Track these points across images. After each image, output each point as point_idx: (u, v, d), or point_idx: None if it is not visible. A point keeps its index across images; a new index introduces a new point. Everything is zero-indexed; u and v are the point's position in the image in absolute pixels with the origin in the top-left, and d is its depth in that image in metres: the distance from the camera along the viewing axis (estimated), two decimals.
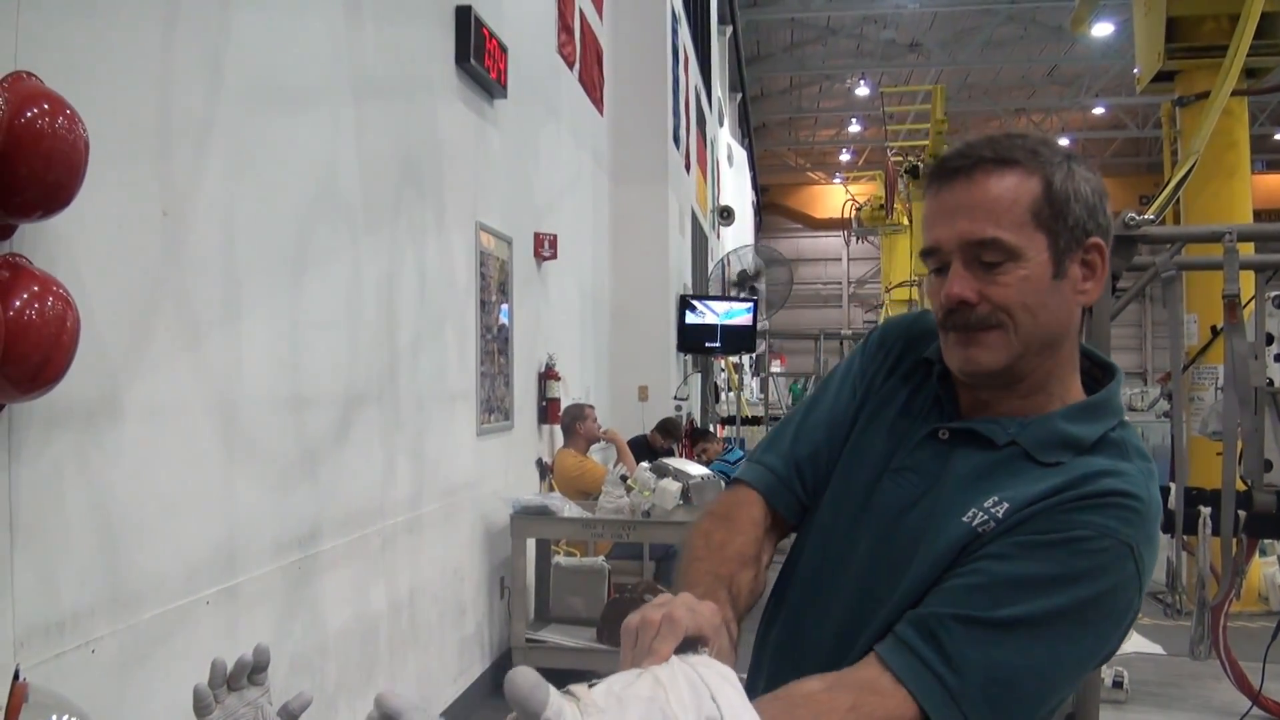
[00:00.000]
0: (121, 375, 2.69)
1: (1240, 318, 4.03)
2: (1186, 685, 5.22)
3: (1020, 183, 1.39)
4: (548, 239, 7.18)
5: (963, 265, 1.41)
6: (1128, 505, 1.34)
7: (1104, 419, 1.45)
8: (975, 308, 1.40)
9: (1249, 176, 8.93)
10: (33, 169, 2.02)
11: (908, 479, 1.47)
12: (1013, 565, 1.32)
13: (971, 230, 1.39)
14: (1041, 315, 1.40)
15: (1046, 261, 1.39)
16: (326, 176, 3.95)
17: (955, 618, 1.30)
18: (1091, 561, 1.31)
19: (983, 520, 1.37)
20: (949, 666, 1.28)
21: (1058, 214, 1.39)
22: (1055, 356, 1.45)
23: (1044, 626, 1.29)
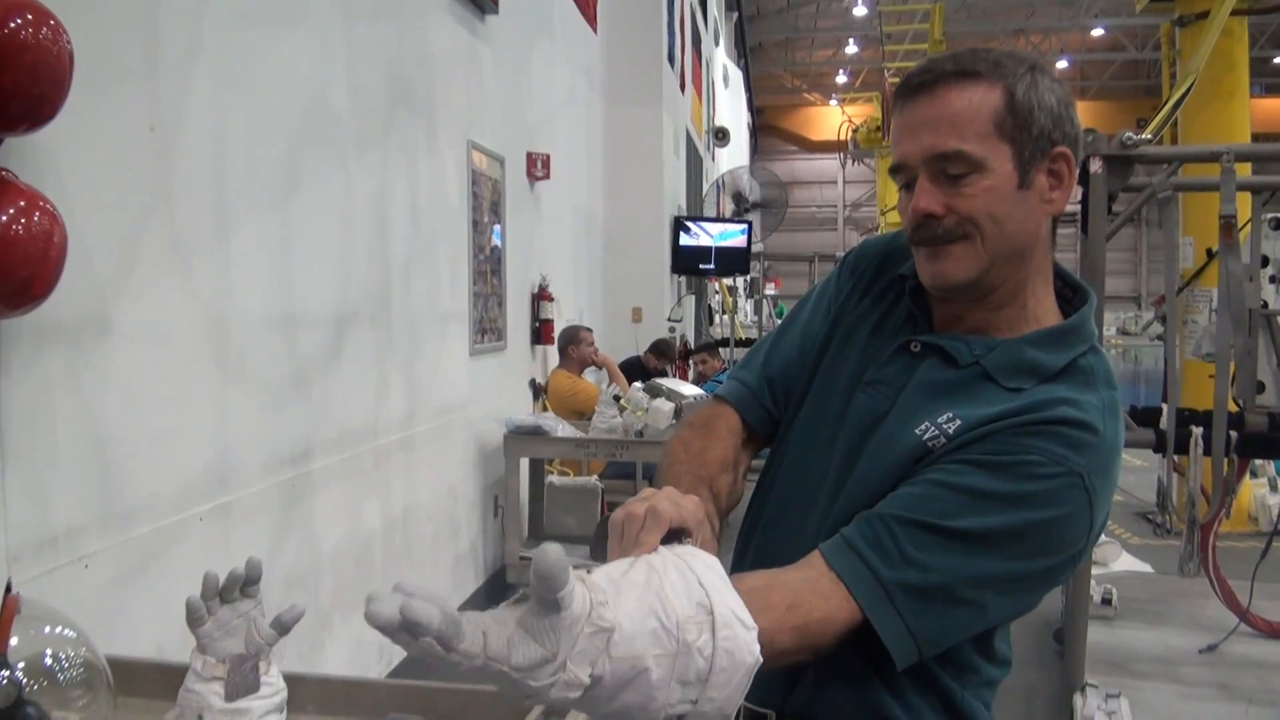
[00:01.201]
0: (110, 293, 2.67)
1: (1236, 239, 4.02)
2: (1175, 603, 5.29)
3: (983, 94, 1.39)
4: (541, 159, 7.12)
5: (929, 179, 1.41)
6: (1081, 435, 1.34)
7: (1073, 345, 1.45)
8: (942, 220, 1.41)
9: (1248, 99, 8.86)
10: (16, 81, 1.99)
11: (880, 391, 1.49)
12: (963, 479, 1.32)
13: (935, 144, 1.40)
14: (1008, 225, 1.41)
15: (1011, 172, 1.40)
16: (316, 94, 3.90)
17: (900, 520, 1.31)
18: (1041, 486, 1.31)
19: (933, 435, 1.39)
20: (888, 565, 1.29)
21: (1021, 124, 1.39)
22: (1025, 267, 1.45)
23: (989, 542, 1.30)
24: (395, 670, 4.57)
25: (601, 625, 1.00)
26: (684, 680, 1.04)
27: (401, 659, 4.72)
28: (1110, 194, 3.96)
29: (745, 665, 1.07)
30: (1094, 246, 4.00)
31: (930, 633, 1.31)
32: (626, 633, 1.01)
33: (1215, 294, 4.74)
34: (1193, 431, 4.05)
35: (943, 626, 1.33)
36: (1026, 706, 4.60)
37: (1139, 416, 4.33)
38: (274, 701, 1.74)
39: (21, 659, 1.58)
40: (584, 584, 1.02)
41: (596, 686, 1.01)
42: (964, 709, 1.46)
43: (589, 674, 1.00)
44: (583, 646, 0.99)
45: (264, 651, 1.71)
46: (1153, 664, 4.51)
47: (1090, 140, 3.89)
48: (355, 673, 4.08)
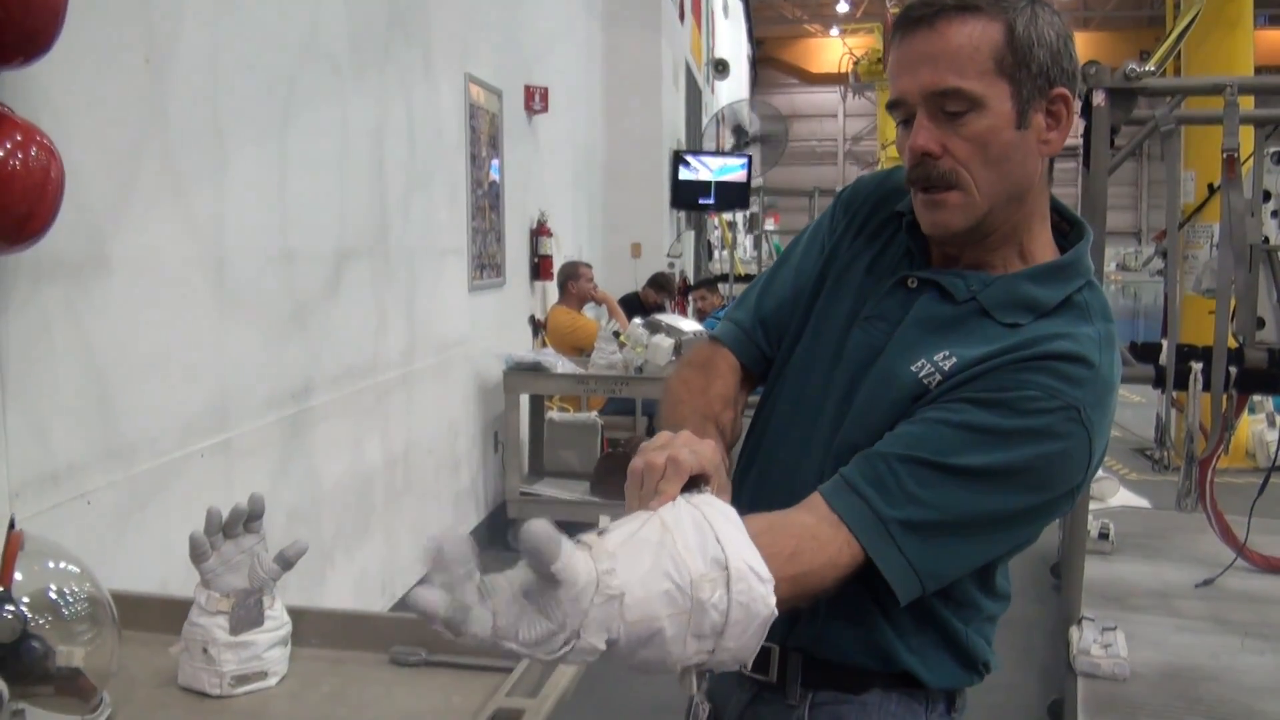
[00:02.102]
0: (108, 227, 2.66)
1: (1239, 174, 3.99)
2: (1172, 537, 5.32)
3: (982, 29, 1.37)
4: (538, 92, 7.06)
5: (927, 116, 1.39)
6: (1076, 369, 1.34)
7: (1070, 280, 1.44)
8: (939, 161, 1.39)
9: (1251, 29, 8.78)
10: (10, 13, 1.96)
11: (877, 327, 1.48)
12: (962, 416, 1.32)
13: (934, 80, 1.37)
14: (1005, 166, 1.39)
15: (1010, 111, 1.38)
16: (312, 24, 3.86)
17: (901, 458, 1.31)
18: (1039, 421, 1.31)
19: (929, 372, 1.38)
20: (889, 503, 1.29)
21: (1020, 61, 1.37)
22: (1021, 209, 1.44)
23: (990, 477, 1.31)
24: (397, 605, 4.60)
25: (610, 593, 1.00)
26: (699, 634, 1.05)
27: (403, 594, 4.75)
28: (1113, 127, 3.94)
29: (760, 617, 1.07)
30: (1096, 181, 3.98)
31: (932, 567, 1.32)
32: (639, 597, 1.02)
33: (1216, 229, 4.73)
34: (1192, 367, 4.05)
35: (945, 561, 1.34)
36: (1024, 639, 4.64)
37: (1139, 352, 4.33)
38: (278, 635, 1.75)
39: (26, 594, 1.58)
40: (589, 551, 1.03)
41: (613, 649, 1.02)
42: (966, 644, 1.47)
43: (605, 640, 1.01)
44: (595, 615, 1.00)
45: (268, 586, 1.73)
46: (1149, 598, 4.55)
47: (1094, 72, 3.85)
48: (358, 607, 4.11)
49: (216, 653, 1.69)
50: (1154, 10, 32.21)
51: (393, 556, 4.66)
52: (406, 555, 4.86)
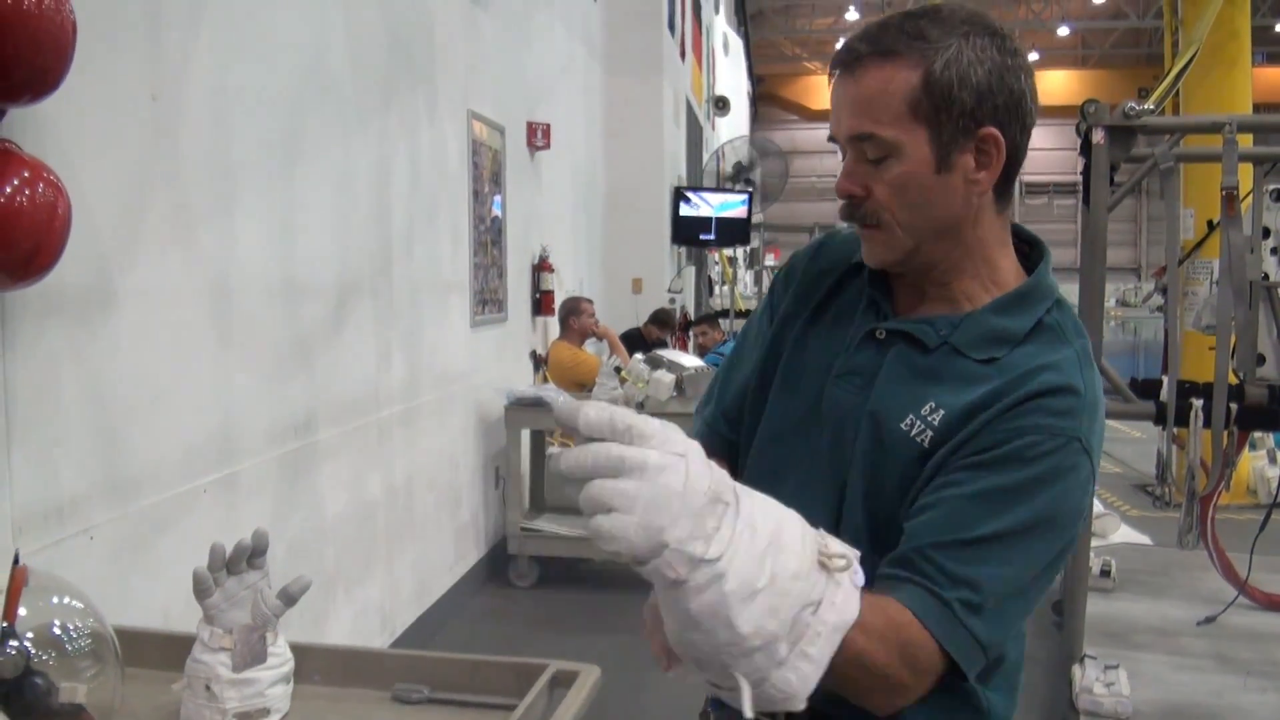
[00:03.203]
0: (114, 263, 2.67)
1: (1238, 211, 4.01)
2: (1174, 574, 5.31)
3: (896, 75, 1.36)
4: (541, 128, 7.10)
5: (851, 159, 1.41)
6: (1065, 401, 1.34)
7: (1037, 304, 1.43)
8: (864, 202, 1.40)
9: (1250, 68, 8.82)
10: (20, 51, 1.98)
11: (851, 383, 1.46)
12: (974, 485, 1.31)
13: (852, 126, 1.38)
14: (926, 210, 1.39)
15: (928, 155, 1.37)
16: (317, 61, 3.89)
17: (934, 546, 1.29)
18: (1046, 465, 1.31)
19: (920, 430, 1.37)
20: (943, 588, 1.28)
21: (939, 105, 1.35)
22: (959, 244, 1.43)
23: (1020, 535, 1.30)
24: (398, 640, 4.60)
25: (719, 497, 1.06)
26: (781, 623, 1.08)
27: (405, 629, 4.75)
28: (1112, 165, 3.96)
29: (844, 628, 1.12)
30: (1096, 218, 4.00)
31: (992, 635, 1.30)
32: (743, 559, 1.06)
33: (1216, 265, 4.74)
34: (1193, 404, 4.05)
35: (1002, 626, 1.32)
36: (1026, 677, 4.62)
37: (1139, 388, 4.33)
38: (281, 672, 1.75)
39: (29, 630, 1.59)
40: None
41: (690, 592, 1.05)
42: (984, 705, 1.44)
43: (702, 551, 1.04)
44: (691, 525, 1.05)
45: (271, 622, 1.73)
46: (1151, 635, 4.54)
47: (1093, 111, 3.88)
48: (358, 642, 4.10)
49: (219, 689, 1.68)
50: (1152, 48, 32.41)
51: (394, 592, 4.65)
52: (407, 590, 4.85)
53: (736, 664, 1.08)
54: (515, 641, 5.13)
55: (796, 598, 1.09)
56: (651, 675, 4.63)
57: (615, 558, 1.05)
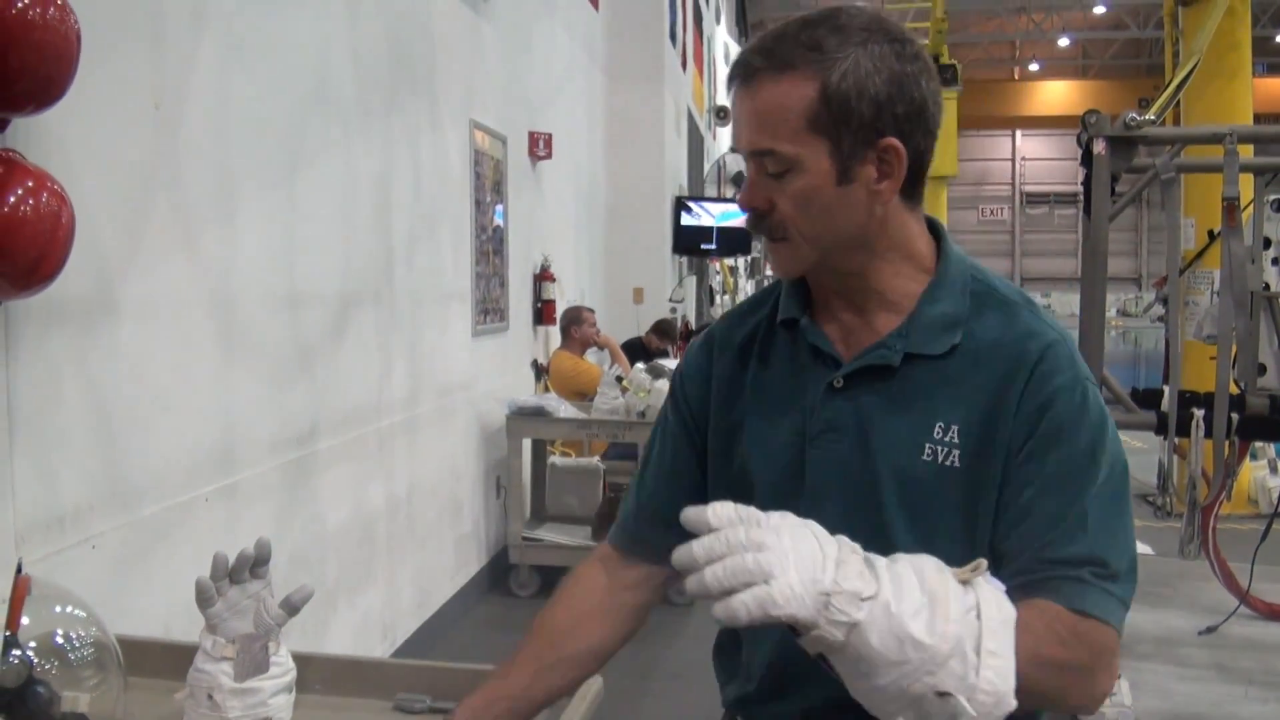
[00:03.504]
0: (117, 272, 2.68)
1: (1239, 221, 4.01)
2: (1175, 584, 5.28)
3: (793, 89, 1.34)
4: (542, 138, 7.11)
5: (755, 173, 1.40)
6: (1052, 355, 1.37)
7: (958, 279, 1.44)
8: (768, 215, 1.40)
9: (1250, 78, 8.84)
10: (24, 61, 1.99)
11: (831, 439, 1.44)
12: (1042, 480, 1.34)
13: (751, 141, 1.37)
14: (829, 222, 1.38)
15: (829, 168, 1.35)
16: (319, 71, 3.90)
17: (1044, 547, 1.32)
18: (1081, 422, 1.36)
19: (945, 454, 1.38)
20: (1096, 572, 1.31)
21: (838, 117, 1.33)
22: (871, 251, 1.42)
23: (1100, 489, 1.34)
24: (399, 649, 4.59)
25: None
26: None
27: (406, 638, 4.74)
28: (1114, 175, 3.96)
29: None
30: (1097, 228, 4.00)
31: (1131, 579, 1.36)
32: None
33: (1217, 275, 4.74)
34: (1194, 414, 4.05)
35: (1131, 560, 1.36)
36: None
37: (1140, 398, 4.33)
38: (283, 681, 1.75)
39: (32, 639, 1.59)
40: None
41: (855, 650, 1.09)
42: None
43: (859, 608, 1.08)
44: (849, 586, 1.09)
45: (273, 632, 1.73)
46: (1152, 645, 4.52)
47: (1094, 121, 3.88)
48: (359, 652, 4.10)
49: (221, 699, 1.68)
50: (1152, 59, 32.47)
51: (395, 601, 4.65)
52: (408, 600, 4.85)
53: (939, 679, 1.09)
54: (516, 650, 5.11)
55: (957, 604, 1.11)
56: (654, 685, 4.63)
57: (775, 623, 1.08)
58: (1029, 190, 40.09)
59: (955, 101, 20.75)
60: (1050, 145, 38.80)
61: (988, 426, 1.37)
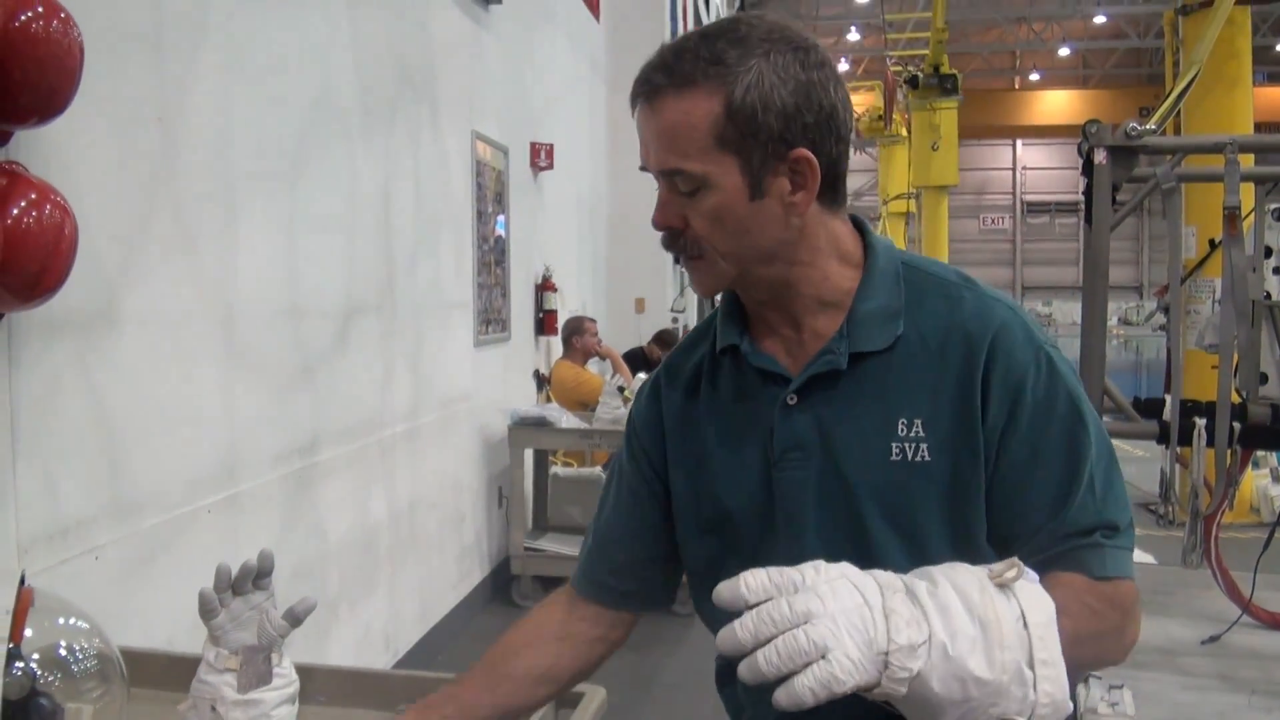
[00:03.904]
0: (119, 283, 2.68)
1: (1240, 230, 4.01)
2: (1177, 593, 5.28)
3: (696, 105, 1.30)
4: (544, 149, 7.12)
5: (665, 191, 1.37)
6: (1009, 330, 1.35)
7: (888, 272, 1.41)
8: (684, 234, 1.37)
9: (1251, 88, 8.85)
10: (27, 74, 2.00)
11: (794, 459, 1.40)
12: (1032, 457, 1.33)
13: (659, 161, 1.34)
14: (745, 238, 1.35)
15: (740, 184, 1.32)
16: (321, 83, 3.91)
17: (1049, 521, 1.33)
18: (1052, 387, 1.34)
19: (913, 449, 1.35)
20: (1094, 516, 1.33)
21: (745, 132, 1.29)
22: (794, 261, 1.39)
23: (1086, 448, 1.33)
24: (402, 660, 4.59)
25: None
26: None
27: (408, 649, 4.74)
28: (1115, 184, 3.96)
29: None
30: (1098, 237, 4.00)
31: (1131, 526, 1.37)
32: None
33: (1218, 284, 4.74)
34: (1196, 423, 4.05)
35: (1127, 505, 1.38)
36: None
37: (1142, 407, 4.33)
38: (287, 693, 1.75)
39: (35, 650, 1.59)
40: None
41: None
42: None
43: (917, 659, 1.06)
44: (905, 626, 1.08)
45: (276, 643, 1.72)
46: (1155, 655, 4.52)
47: (1094, 131, 3.89)
48: (361, 662, 4.09)
49: (225, 711, 1.68)
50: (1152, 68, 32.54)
51: (397, 612, 4.65)
52: (410, 611, 4.84)
53: (1002, 708, 1.09)
54: None
55: (1007, 623, 1.10)
56: (657, 694, 4.62)
57: (842, 692, 1.05)
58: (1030, 199, 40.13)
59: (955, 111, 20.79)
60: (1051, 154, 38.85)
61: (954, 415, 1.34)
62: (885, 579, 1.11)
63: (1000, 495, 1.34)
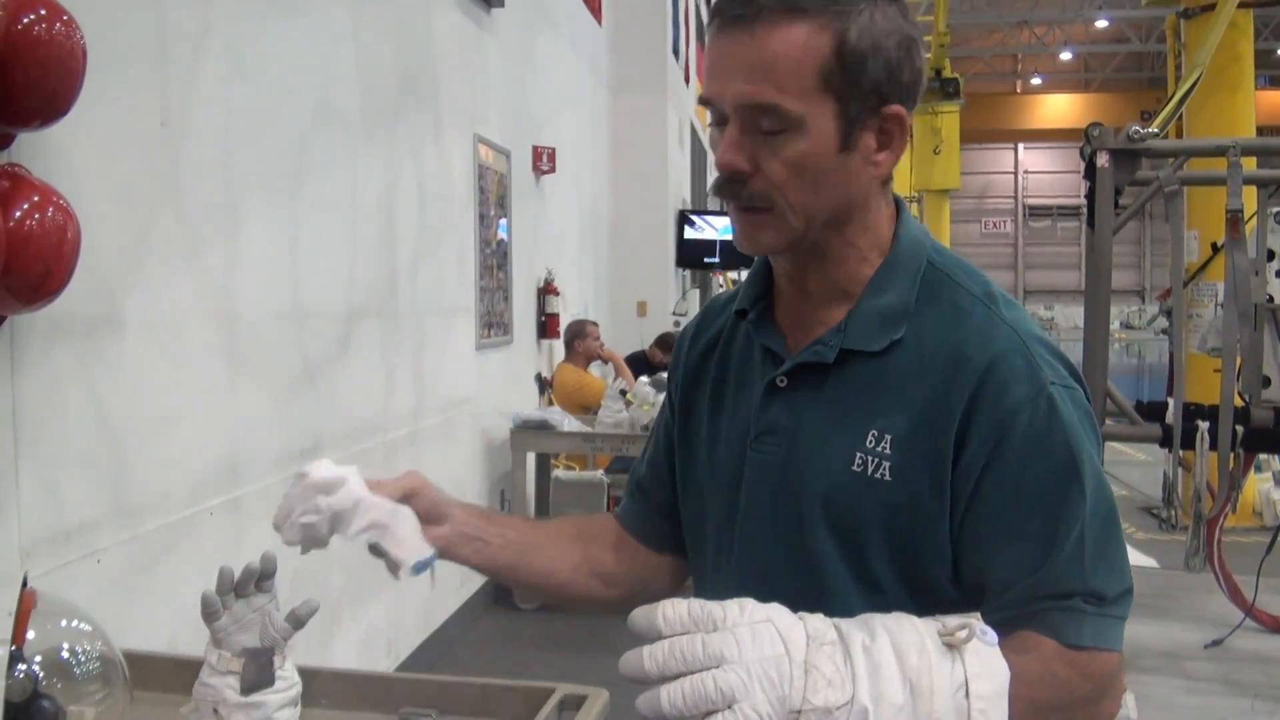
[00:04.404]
0: (121, 287, 2.68)
1: (1242, 233, 4.01)
2: (1180, 597, 5.28)
3: (809, 38, 1.17)
4: (546, 152, 7.12)
5: (739, 130, 1.22)
6: (1011, 360, 1.21)
7: (910, 267, 1.30)
8: (750, 180, 1.22)
9: (1253, 91, 8.87)
10: (30, 76, 2.00)
11: (767, 443, 1.31)
12: (1017, 505, 1.20)
13: (749, 93, 1.19)
14: (823, 191, 1.23)
15: (833, 132, 1.20)
16: (323, 86, 3.91)
17: (1028, 578, 1.20)
18: (1051, 433, 1.19)
19: (875, 465, 1.23)
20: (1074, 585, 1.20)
21: (851, 77, 1.19)
22: (848, 228, 1.28)
23: (1077, 504, 1.19)
24: (404, 664, 4.59)
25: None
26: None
27: (410, 652, 4.74)
28: (1117, 188, 3.97)
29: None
30: (1101, 241, 4.01)
31: (1127, 596, 1.26)
32: None
33: (1221, 288, 4.74)
34: (1199, 426, 4.05)
35: (1123, 572, 1.26)
36: None
37: (1145, 411, 4.33)
38: (289, 695, 1.75)
39: (38, 653, 1.59)
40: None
41: None
42: None
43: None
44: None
45: (279, 646, 1.72)
46: (1158, 659, 4.52)
47: (1097, 134, 3.89)
48: (363, 666, 4.09)
49: (227, 713, 1.68)
50: (1154, 72, 32.56)
51: (399, 615, 4.65)
52: (412, 614, 4.84)
53: None
54: (521, 664, 5.12)
55: (942, 691, 1.02)
56: None
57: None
58: (1032, 203, 40.16)
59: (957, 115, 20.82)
60: (1053, 158, 38.86)
61: (923, 441, 1.22)
62: (817, 628, 1.03)
63: (971, 539, 1.22)
